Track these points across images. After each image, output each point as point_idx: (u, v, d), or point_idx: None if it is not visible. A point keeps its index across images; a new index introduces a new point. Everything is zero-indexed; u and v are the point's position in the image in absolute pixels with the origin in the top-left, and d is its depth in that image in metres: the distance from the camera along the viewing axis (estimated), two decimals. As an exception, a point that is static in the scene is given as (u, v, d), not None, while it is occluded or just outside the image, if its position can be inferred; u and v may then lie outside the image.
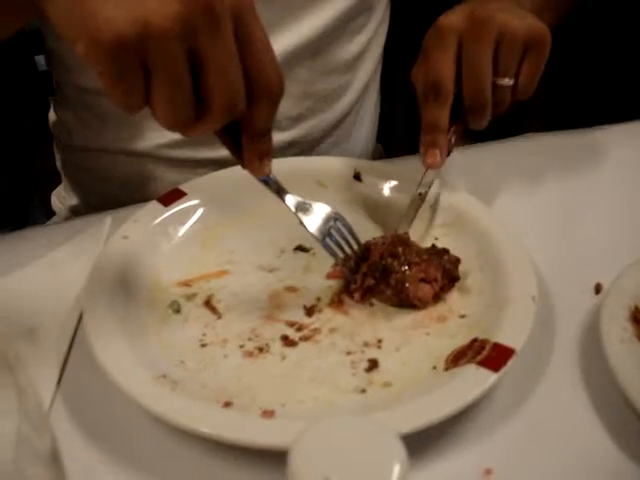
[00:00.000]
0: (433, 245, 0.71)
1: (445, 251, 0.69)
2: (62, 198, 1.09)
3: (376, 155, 1.10)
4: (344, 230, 0.68)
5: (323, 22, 0.86)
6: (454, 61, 0.71)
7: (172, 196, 0.76)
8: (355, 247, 0.69)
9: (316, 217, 0.66)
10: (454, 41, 0.71)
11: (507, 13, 0.71)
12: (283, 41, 0.85)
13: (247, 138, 0.58)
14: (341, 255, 0.68)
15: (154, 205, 0.75)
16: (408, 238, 0.71)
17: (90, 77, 0.88)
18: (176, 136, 0.90)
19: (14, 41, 1.14)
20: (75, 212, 1.05)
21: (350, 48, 0.93)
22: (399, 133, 1.46)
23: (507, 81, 0.71)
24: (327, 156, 0.89)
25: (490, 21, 0.69)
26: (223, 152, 0.93)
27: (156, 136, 0.90)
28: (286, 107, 0.91)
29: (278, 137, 0.92)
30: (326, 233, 0.66)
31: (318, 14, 0.86)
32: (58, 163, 1.07)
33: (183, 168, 0.92)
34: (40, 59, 1.15)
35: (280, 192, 0.64)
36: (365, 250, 0.69)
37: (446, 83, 0.71)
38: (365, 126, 1.05)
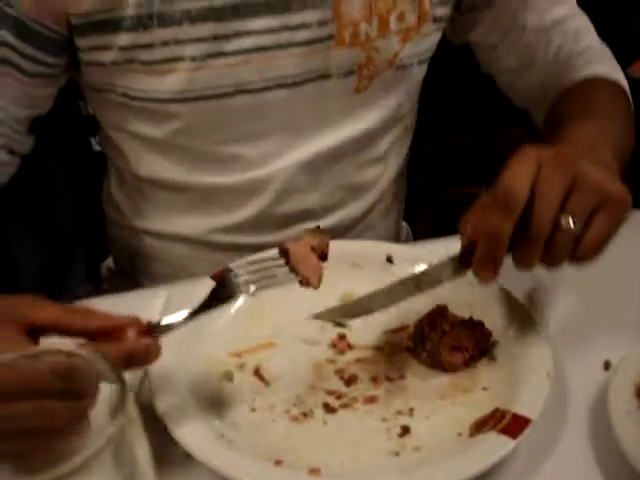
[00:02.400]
0: (470, 317, 0.77)
1: (480, 324, 0.76)
2: (112, 269, 1.17)
3: (403, 235, 1.17)
4: None
5: (363, 127, 0.96)
6: (532, 181, 0.64)
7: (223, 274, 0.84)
8: None
9: None
10: (535, 165, 0.64)
11: (592, 165, 0.66)
12: (326, 141, 0.94)
13: None
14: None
15: (207, 282, 0.82)
16: (446, 309, 0.77)
17: (147, 167, 0.97)
18: (221, 223, 0.99)
19: (72, 125, 1.25)
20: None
21: (382, 145, 1.01)
22: (422, 212, 1.54)
23: (572, 224, 0.63)
24: (361, 240, 0.97)
25: (573, 162, 0.65)
26: (263, 238, 1.01)
27: (204, 222, 0.99)
28: (321, 198, 0.99)
29: (312, 225, 1.00)
30: None
31: (358, 121, 0.95)
32: (109, 236, 1.14)
33: (226, 252, 0.99)
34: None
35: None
36: None
37: (521, 195, 0.63)
38: (393, 211, 1.11)
